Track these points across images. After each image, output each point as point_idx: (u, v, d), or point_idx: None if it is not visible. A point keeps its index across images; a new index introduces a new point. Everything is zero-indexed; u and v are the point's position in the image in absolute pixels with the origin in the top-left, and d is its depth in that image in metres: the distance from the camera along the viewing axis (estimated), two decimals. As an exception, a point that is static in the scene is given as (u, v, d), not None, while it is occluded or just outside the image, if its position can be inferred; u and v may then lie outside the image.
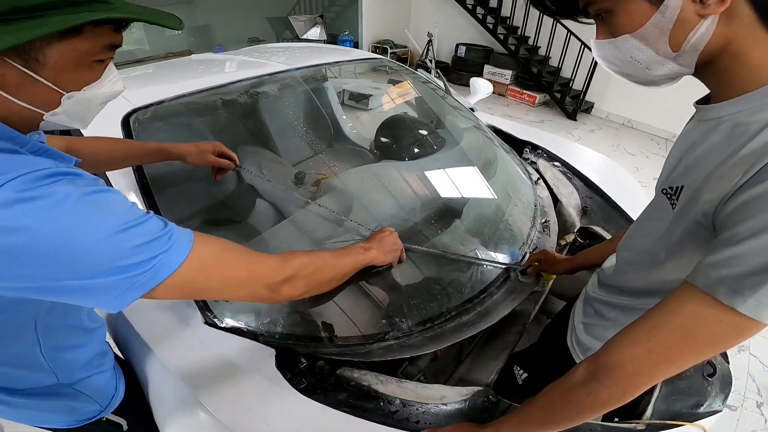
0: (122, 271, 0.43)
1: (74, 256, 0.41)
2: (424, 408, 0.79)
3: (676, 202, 0.57)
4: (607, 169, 1.68)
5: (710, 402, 0.85)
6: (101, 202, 0.44)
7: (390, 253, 0.88)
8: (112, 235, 0.43)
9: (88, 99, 0.50)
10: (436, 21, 6.39)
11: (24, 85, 0.44)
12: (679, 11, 0.46)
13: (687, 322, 0.46)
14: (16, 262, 0.40)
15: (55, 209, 0.40)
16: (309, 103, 1.79)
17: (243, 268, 0.57)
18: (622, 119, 5.11)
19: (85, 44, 0.45)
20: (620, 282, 0.74)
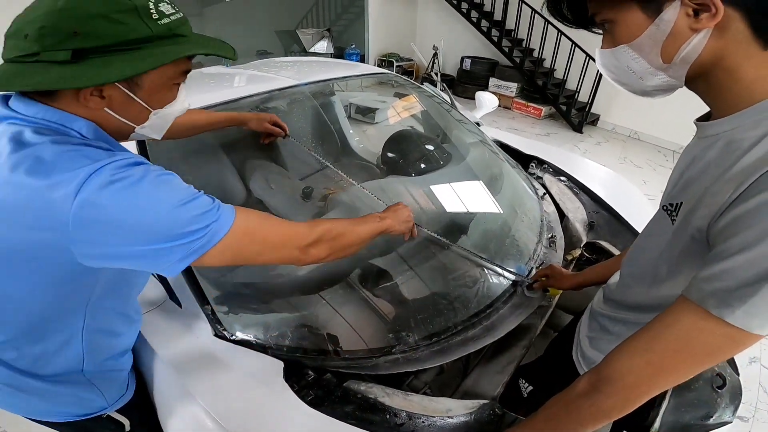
0: (183, 237, 0.53)
1: (150, 224, 0.51)
2: (430, 421, 0.79)
3: (676, 218, 0.58)
4: (614, 184, 1.69)
5: (720, 413, 0.85)
6: (168, 182, 0.55)
7: (404, 224, 0.93)
8: (176, 208, 0.53)
9: (167, 114, 0.62)
10: (441, 34, 6.48)
11: (125, 104, 0.56)
12: (672, 24, 0.48)
13: (683, 334, 0.47)
14: (108, 230, 0.50)
15: (136, 186, 0.51)
16: (317, 117, 1.83)
17: (278, 233, 0.66)
18: (629, 131, 5.10)
19: (170, 71, 0.57)
20: (624, 297, 0.75)
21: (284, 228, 0.67)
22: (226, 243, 0.56)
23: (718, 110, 0.53)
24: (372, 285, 1.07)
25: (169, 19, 0.54)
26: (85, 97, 0.53)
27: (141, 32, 0.51)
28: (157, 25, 0.52)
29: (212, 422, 0.74)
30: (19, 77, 0.50)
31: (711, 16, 0.45)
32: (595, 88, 4.93)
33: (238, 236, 0.58)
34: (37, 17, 0.49)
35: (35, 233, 0.50)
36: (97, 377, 0.74)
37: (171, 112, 0.62)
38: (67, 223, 0.48)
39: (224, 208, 0.58)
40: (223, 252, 0.57)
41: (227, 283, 1.06)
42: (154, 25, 0.52)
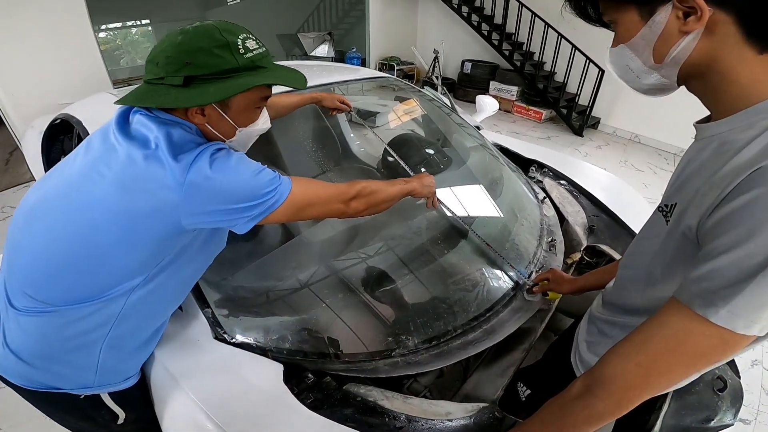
0: (262, 197, 0.68)
1: (238, 188, 0.66)
2: (430, 424, 0.79)
3: (670, 219, 0.58)
4: (614, 187, 1.69)
5: (721, 416, 0.85)
6: (244, 159, 0.71)
7: (427, 188, 1.03)
8: (254, 176, 0.68)
9: (250, 132, 0.76)
10: (442, 38, 6.50)
11: (218, 121, 0.71)
12: (663, 26, 0.49)
13: (673, 335, 0.48)
14: (210, 190, 0.64)
15: (227, 161, 0.66)
16: (317, 121, 1.84)
17: (325, 191, 0.80)
18: (630, 134, 5.10)
19: (253, 96, 0.71)
20: (620, 300, 0.75)
21: (330, 187, 0.82)
22: (289, 201, 0.71)
23: (716, 113, 0.53)
24: (372, 288, 1.07)
25: (252, 53, 0.67)
26: (192, 114, 0.68)
27: (231, 63, 0.65)
28: (242, 58, 0.66)
29: (212, 425, 0.75)
30: (151, 95, 0.66)
31: (697, 19, 0.46)
32: (595, 91, 4.93)
33: (297, 195, 0.73)
34: (165, 48, 0.65)
35: (159, 194, 0.63)
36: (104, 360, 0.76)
37: (253, 130, 0.76)
38: (182, 184, 0.62)
39: (284, 177, 0.73)
40: (288, 207, 0.71)
41: (227, 287, 1.06)
42: (240, 58, 0.65)
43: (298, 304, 1.05)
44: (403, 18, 7.02)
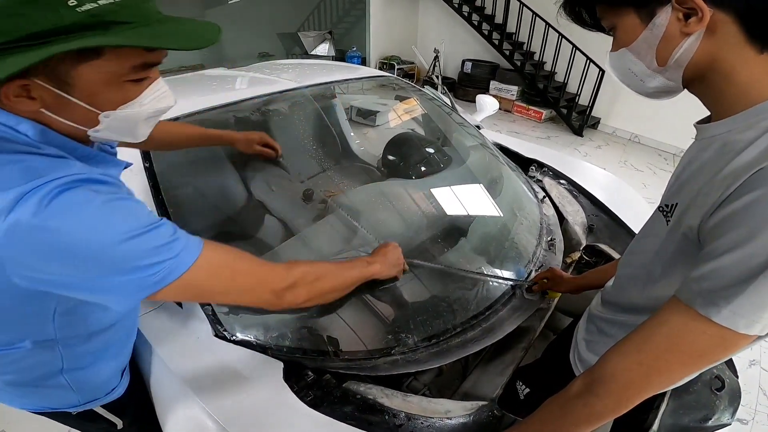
0: (137, 271, 0.48)
1: (95, 256, 0.46)
2: (429, 422, 0.79)
3: (671, 219, 0.58)
4: (613, 187, 1.69)
5: (719, 416, 0.85)
6: (120, 208, 0.49)
7: (393, 268, 0.91)
8: (129, 239, 0.47)
9: (126, 117, 0.52)
10: (442, 37, 6.50)
11: (62, 105, 0.49)
12: (664, 29, 0.49)
13: (673, 334, 0.48)
14: (46, 258, 0.45)
15: (79, 212, 0.45)
16: (318, 120, 1.84)
17: (249, 275, 0.61)
18: (629, 134, 5.10)
19: (110, 65, 0.47)
20: (620, 298, 0.76)
21: (256, 269, 0.62)
22: (185, 280, 0.51)
23: (716, 113, 0.54)
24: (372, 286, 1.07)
25: (95, 5, 0.43)
26: (8, 97, 0.46)
27: (44, 24, 0.42)
28: (73, 13, 0.42)
29: (212, 422, 0.75)
30: None
31: (698, 20, 0.46)
32: (595, 91, 4.94)
33: (199, 275, 0.53)
34: None
35: None
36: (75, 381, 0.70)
37: (132, 113, 0.53)
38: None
39: (189, 242, 0.53)
40: (182, 289, 0.53)
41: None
42: (67, 13, 0.42)
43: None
44: (404, 17, 7.02)
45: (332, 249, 1.13)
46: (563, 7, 0.61)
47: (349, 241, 1.13)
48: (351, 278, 0.79)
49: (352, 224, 1.18)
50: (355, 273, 0.80)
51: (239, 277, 0.59)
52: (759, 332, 0.44)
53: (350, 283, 0.79)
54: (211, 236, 1.26)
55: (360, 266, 0.82)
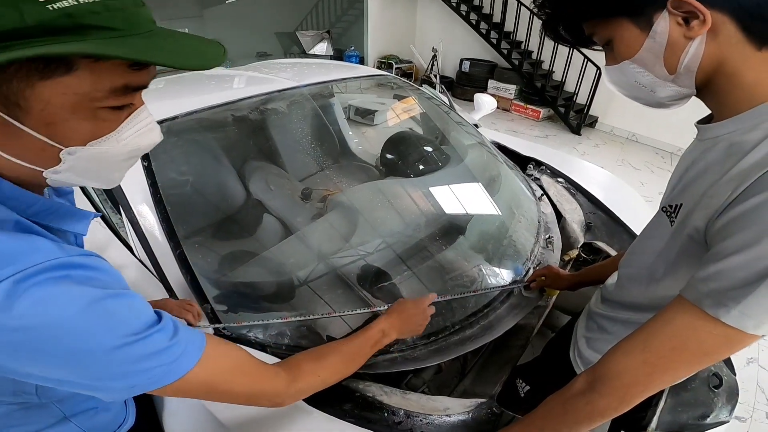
0: (127, 377, 0.42)
1: (80, 362, 0.39)
2: (428, 419, 0.80)
3: (675, 220, 0.58)
4: (611, 185, 1.70)
5: (717, 413, 0.85)
6: (112, 310, 0.40)
7: (415, 326, 0.86)
8: (120, 346, 0.40)
9: (98, 156, 0.40)
10: (440, 36, 6.50)
11: (9, 137, 0.36)
12: (667, 35, 0.49)
13: (679, 333, 0.48)
14: (22, 361, 0.38)
15: (62, 313, 0.36)
16: (316, 119, 1.84)
17: (247, 386, 0.55)
18: (627, 133, 5.11)
19: (82, 85, 0.35)
20: (621, 297, 0.76)
21: (258, 380, 0.56)
22: (178, 386, 0.45)
23: (720, 114, 0.53)
24: (370, 284, 1.08)
25: (73, 2, 0.33)
26: None
27: (5, 21, 0.31)
28: (41, 10, 0.32)
29: (212, 421, 0.75)
30: None
31: (701, 23, 0.46)
32: (593, 90, 4.95)
33: (193, 383, 0.47)
34: None
35: None
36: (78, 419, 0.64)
37: (105, 151, 0.40)
38: None
39: (188, 347, 0.46)
40: (174, 392, 0.47)
41: (227, 282, 1.07)
42: (36, 10, 0.32)
43: (297, 300, 1.05)
44: (402, 16, 7.02)
45: (330, 248, 1.13)
46: (543, 26, 0.60)
47: (348, 239, 1.13)
48: (360, 365, 0.74)
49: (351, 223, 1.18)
50: (365, 357, 0.74)
51: (237, 387, 0.53)
52: (765, 332, 0.44)
53: (357, 366, 0.74)
54: (210, 236, 1.26)
55: (372, 343, 0.76)
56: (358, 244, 1.11)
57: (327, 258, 1.12)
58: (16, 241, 0.37)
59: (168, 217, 1.04)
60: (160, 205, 1.05)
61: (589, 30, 0.56)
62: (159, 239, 0.99)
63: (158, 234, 0.99)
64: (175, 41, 0.39)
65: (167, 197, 1.08)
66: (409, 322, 0.83)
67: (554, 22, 0.59)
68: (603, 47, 0.57)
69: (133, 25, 0.36)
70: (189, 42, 0.40)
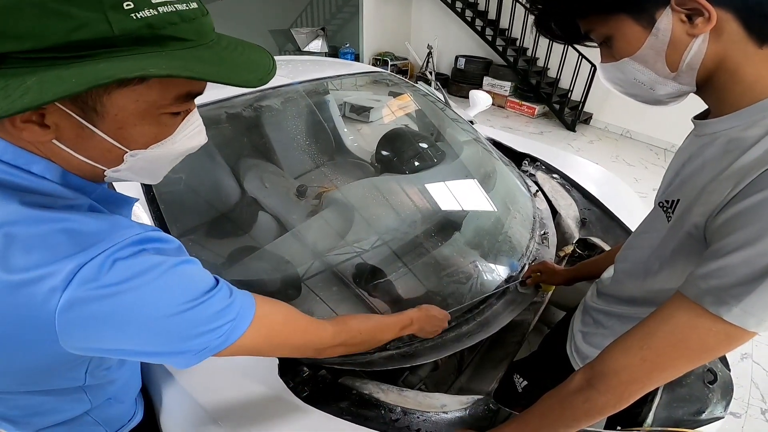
0: (198, 337, 0.45)
1: (159, 327, 0.42)
2: (425, 416, 0.80)
3: (672, 215, 0.58)
4: (606, 181, 1.70)
5: (711, 409, 0.86)
6: (180, 275, 0.44)
7: (430, 332, 0.91)
8: (192, 307, 0.43)
9: (155, 157, 0.44)
10: (435, 33, 6.49)
11: (82, 138, 0.39)
12: (670, 33, 0.48)
13: (678, 331, 0.48)
14: (106, 332, 0.40)
15: (140, 283, 0.40)
16: (311, 116, 1.83)
17: (299, 337, 0.60)
18: (621, 130, 5.14)
19: (152, 94, 0.38)
20: (617, 291, 0.76)
21: (308, 331, 0.61)
22: (241, 343, 0.49)
23: (718, 109, 0.53)
24: (366, 281, 1.07)
25: (153, 12, 0.34)
26: (13, 122, 0.36)
27: (88, 31, 0.32)
28: (127, 20, 0.33)
29: (209, 419, 0.74)
30: None
31: (706, 21, 0.46)
32: (587, 87, 4.97)
33: (255, 337, 0.51)
34: None
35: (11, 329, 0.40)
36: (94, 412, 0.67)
37: (162, 154, 0.44)
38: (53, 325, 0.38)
39: (244, 302, 0.50)
40: (236, 351, 0.50)
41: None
42: (122, 20, 0.33)
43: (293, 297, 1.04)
44: (397, 13, 7.00)
45: (326, 245, 1.13)
46: (535, 22, 0.59)
47: (343, 236, 1.13)
48: (388, 339, 0.79)
49: (346, 220, 1.18)
50: (393, 335, 0.80)
51: (290, 339, 0.58)
52: (765, 330, 0.44)
53: (386, 341, 0.80)
54: (205, 234, 1.25)
55: (400, 327, 0.80)
56: (353, 241, 1.10)
57: (323, 255, 1.11)
58: (101, 221, 0.41)
59: (162, 216, 1.03)
60: (153, 204, 1.04)
61: (586, 27, 0.55)
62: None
63: (152, 233, 0.98)
64: (235, 50, 0.42)
65: (160, 195, 1.07)
66: (430, 323, 0.88)
67: (547, 18, 0.59)
68: (599, 44, 0.57)
69: (202, 36, 0.39)
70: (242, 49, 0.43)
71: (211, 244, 1.24)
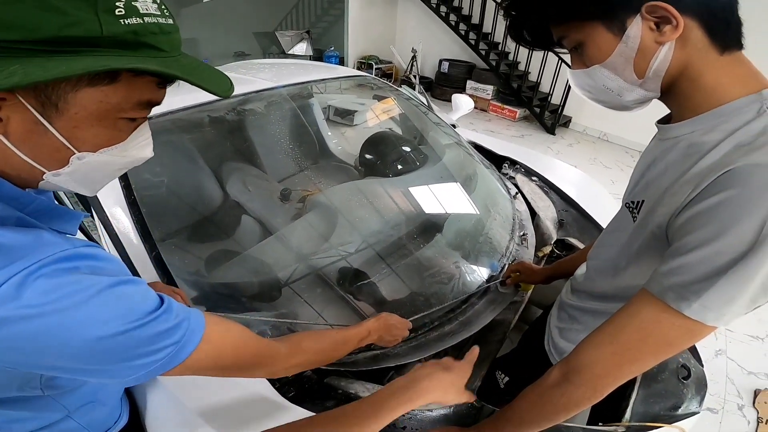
0: (137, 358, 0.43)
1: (91, 350, 0.39)
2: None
3: (637, 215, 0.61)
4: (582, 183, 1.76)
5: (687, 404, 0.88)
6: (119, 295, 0.41)
7: (390, 341, 0.91)
8: (129, 330, 0.41)
9: (102, 164, 0.42)
10: (420, 37, 6.53)
11: (32, 135, 0.37)
12: (639, 40, 0.50)
13: (644, 326, 0.51)
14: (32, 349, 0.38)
15: (72, 302, 0.37)
16: (295, 120, 1.83)
17: (249, 360, 0.57)
18: (599, 133, 5.27)
19: (116, 96, 0.38)
20: (590, 288, 0.79)
21: (258, 356, 0.58)
22: (186, 365, 0.47)
23: (679, 114, 0.56)
24: (350, 283, 1.08)
25: (139, 21, 0.36)
26: None
27: (85, 30, 0.34)
28: (116, 24, 0.35)
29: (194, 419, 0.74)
30: None
31: (673, 29, 0.48)
32: (566, 91, 5.07)
33: (201, 359, 0.48)
34: None
35: None
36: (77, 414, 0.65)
37: (109, 161, 0.42)
38: None
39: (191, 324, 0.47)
40: (183, 371, 0.48)
41: (205, 284, 1.05)
42: (112, 23, 0.35)
43: (276, 300, 1.05)
44: (382, 17, 7.02)
45: (310, 248, 1.13)
46: (509, 27, 0.61)
47: (327, 239, 1.14)
48: (344, 352, 0.78)
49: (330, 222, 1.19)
50: (350, 349, 0.79)
51: (241, 359, 0.56)
52: (724, 324, 0.47)
53: (342, 355, 0.78)
54: (187, 238, 1.24)
55: (360, 337, 0.80)
56: (337, 243, 1.11)
57: (307, 258, 1.12)
58: (24, 236, 0.38)
59: (143, 219, 1.02)
60: (134, 207, 1.03)
61: (558, 33, 0.57)
62: (134, 242, 0.97)
63: (133, 236, 0.97)
64: (199, 65, 0.44)
65: (141, 198, 1.06)
66: (389, 332, 0.88)
67: (520, 25, 0.61)
68: (570, 50, 0.58)
69: (173, 49, 0.41)
70: (206, 67, 0.45)
71: (194, 247, 1.23)
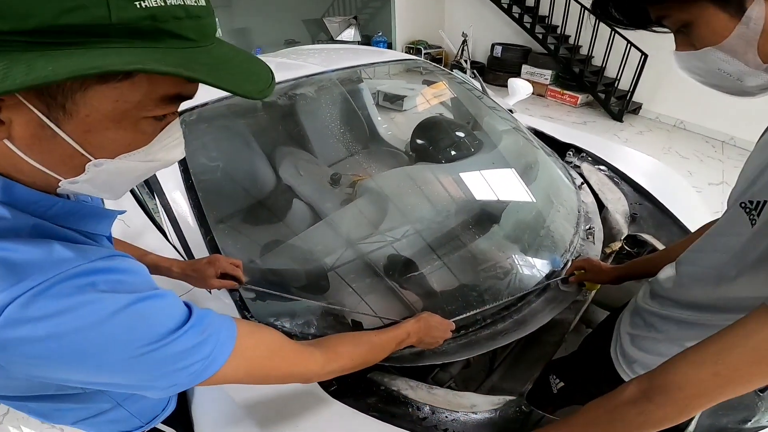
0: (163, 378, 0.41)
1: (115, 367, 0.37)
2: (454, 416, 0.77)
3: (757, 218, 0.53)
4: (659, 174, 1.58)
5: (758, 417, 0.80)
6: (141, 314, 0.38)
7: (430, 343, 0.85)
8: (153, 350, 0.38)
9: (122, 170, 0.37)
10: (470, 21, 6.31)
11: (39, 140, 0.33)
12: (764, 21, 0.43)
13: (762, 346, 0.44)
14: (52, 368, 0.36)
15: (88, 323, 0.34)
16: (345, 104, 1.81)
17: (285, 369, 0.55)
18: (674, 120, 4.80)
19: (136, 94, 0.33)
20: (679, 296, 0.71)
21: (294, 365, 0.56)
22: (217, 378, 0.45)
23: None
24: (399, 273, 1.05)
25: (160, 3, 0.30)
26: None
27: (89, 16, 0.28)
28: (130, 7, 0.29)
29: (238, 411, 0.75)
30: None
31: None
32: (637, 75, 4.67)
33: (232, 371, 0.46)
34: None
35: None
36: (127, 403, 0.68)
37: (131, 167, 0.38)
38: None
39: (221, 336, 0.45)
40: (214, 383, 0.46)
41: (256, 270, 1.07)
42: (124, 6, 0.29)
43: (324, 288, 1.04)
44: (430, 1, 6.84)
45: (359, 234, 1.11)
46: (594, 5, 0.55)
47: (377, 226, 1.11)
48: (382, 357, 0.73)
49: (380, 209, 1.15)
50: (388, 352, 0.74)
51: (276, 369, 0.53)
52: None
53: (379, 360, 0.73)
54: (240, 221, 1.27)
55: (398, 339, 0.75)
56: (387, 230, 1.08)
57: (356, 244, 1.10)
58: (32, 251, 0.34)
59: (199, 203, 1.04)
60: (191, 191, 1.06)
61: (659, 12, 0.50)
62: (191, 225, 0.99)
63: (190, 220, 1.00)
64: (235, 57, 0.37)
65: (198, 183, 1.08)
66: (429, 334, 0.83)
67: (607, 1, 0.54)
68: (674, 32, 0.52)
69: (203, 37, 0.34)
70: (246, 60, 0.38)
71: (247, 230, 1.25)
